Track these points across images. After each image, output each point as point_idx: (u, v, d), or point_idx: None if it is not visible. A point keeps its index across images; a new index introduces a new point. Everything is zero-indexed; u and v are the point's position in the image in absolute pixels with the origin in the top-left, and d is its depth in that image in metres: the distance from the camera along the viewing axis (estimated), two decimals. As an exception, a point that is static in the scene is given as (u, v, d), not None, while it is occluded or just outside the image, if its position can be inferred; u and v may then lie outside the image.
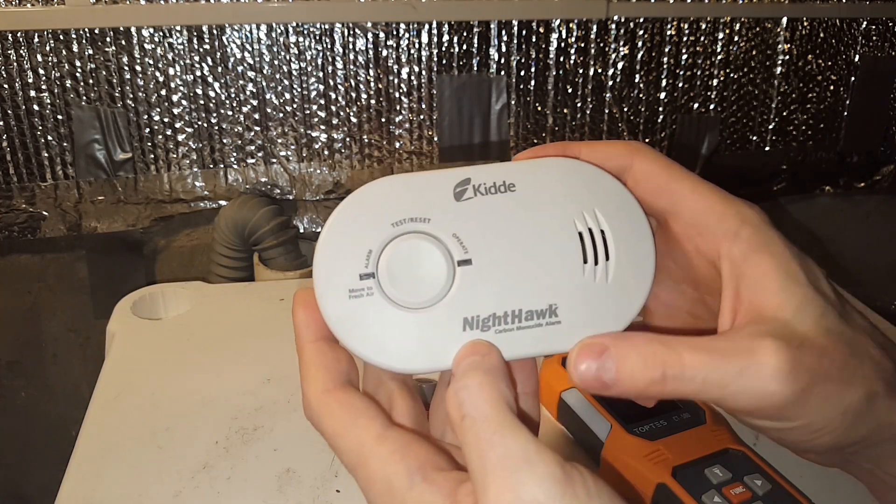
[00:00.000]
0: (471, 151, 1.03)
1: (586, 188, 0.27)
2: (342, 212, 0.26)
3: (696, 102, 1.09)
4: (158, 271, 1.03)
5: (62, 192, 0.93)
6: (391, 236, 0.26)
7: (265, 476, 0.43)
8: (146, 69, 0.90)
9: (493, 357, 0.25)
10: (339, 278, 0.25)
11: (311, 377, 0.27)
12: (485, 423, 0.23)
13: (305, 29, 0.92)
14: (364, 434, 0.25)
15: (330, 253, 0.26)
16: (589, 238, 0.27)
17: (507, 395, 0.24)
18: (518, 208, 0.27)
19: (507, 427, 0.23)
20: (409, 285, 0.25)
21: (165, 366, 0.54)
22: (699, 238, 0.28)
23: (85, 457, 0.45)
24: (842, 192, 1.24)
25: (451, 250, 0.26)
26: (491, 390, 0.24)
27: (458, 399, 0.24)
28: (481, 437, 0.22)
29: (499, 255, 0.26)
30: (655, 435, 0.40)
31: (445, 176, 0.27)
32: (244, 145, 0.96)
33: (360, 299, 0.25)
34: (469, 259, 0.26)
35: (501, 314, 0.26)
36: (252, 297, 0.65)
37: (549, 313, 0.26)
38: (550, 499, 0.21)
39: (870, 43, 1.14)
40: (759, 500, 0.36)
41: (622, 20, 1.01)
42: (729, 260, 0.27)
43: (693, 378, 0.24)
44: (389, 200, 0.26)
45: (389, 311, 0.25)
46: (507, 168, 0.27)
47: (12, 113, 0.88)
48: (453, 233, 0.26)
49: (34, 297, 1.01)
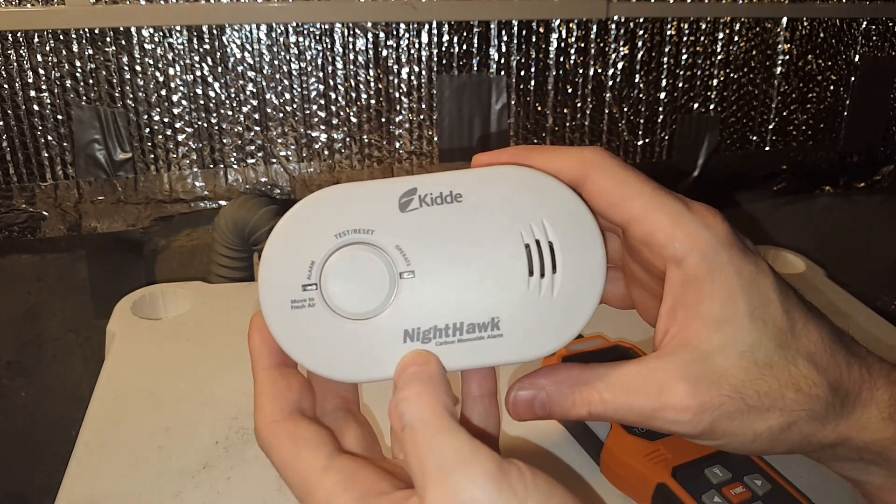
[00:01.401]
0: (471, 151, 1.03)
1: (536, 199, 0.27)
2: (286, 223, 0.26)
3: (696, 102, 1.09)
4: (158, 271, 1.03)
5: (62, 192, 0.93)
6: (334, 248, 0.26)
7: (265, 476, 0.43)
8: (146, 69, 0.90)
9: (431, 366, 0.25)
10: (281, 290, 0.26)
11: (261, 406, 0.27)
12: (422, 429, 0.23)
13: (305, 29, 0.92)
14: (309, 466, 0.25)
15: (273, 264, 0.26)
16: (536, 250, 0.26)
17: (446, 401, 0.24)
18: (463, 220, 0.26)
19: (444, 430, 0.23)
20: (350, 296, 0.25)
21: (165, 366, 0.54)
22: (649, 255, 0.28)
23: (85, 457, 0.45)
24: (842, 192, 1.24)
25: (394, 262, 0.26)
26: (429, 398, 0.24)
27: (398, 410, 0.24)
28: (419, 443, 0.23)
29: (442, 268, 0.26)
30: (655, 435, 0.40)
31: (391, 185, 0.27)
32: (244, 145, 0.96)
33: (302, 310, 0.25)
34: (412, 271, 0.26)
35: (443, 326, 0.26)
36: (252, 297, 0.65)
37: (491, 326, 0.26)
38: (488, 496, 0.21)
39: (870, 43, 1.14)
40: (759, 500, 0.36)
41: (622, 20, 1.01)
42: (670, 282, 0.27)
43: (614, 416, 0.27)
44: (333, 211, 0.26)
45: (331, 321, 0.25)
46: (454, 177, 0.27)
47: (12, 113, 0.88)
48: (396, 244, 0.26)
49: (34, 297, 1.01)
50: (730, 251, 0.27)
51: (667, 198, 0.27)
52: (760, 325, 0.26)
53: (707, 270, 0.26)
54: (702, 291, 0.26)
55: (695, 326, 0.26)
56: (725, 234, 0.27)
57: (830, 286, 0.70)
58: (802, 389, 0.26)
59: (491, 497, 0.21)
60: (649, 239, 0.27)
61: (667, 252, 0.27)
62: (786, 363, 0.26)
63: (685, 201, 0.28)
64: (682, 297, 0.27)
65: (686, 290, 0.27)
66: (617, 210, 0.28)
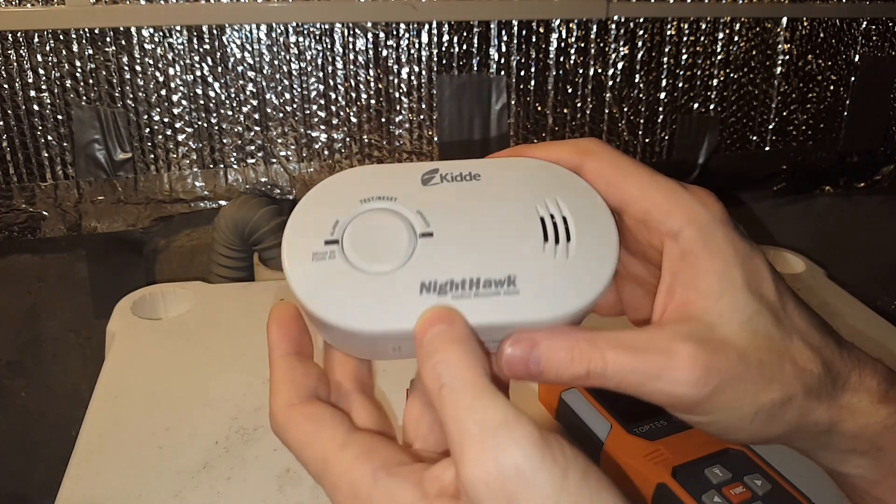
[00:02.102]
0: (471, 151, 1.03)
1: (548, 180, 0.28)
2: (314, 191, 0.28)
3: (696, 102, 1.09)
4: (158, 271, 1.03)
5: (62, 192, 0.93)
6: (358, 211, 0.27)
7: (265, 476, 0.43)
8: (146, 69, 0.90)
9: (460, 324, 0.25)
10: (304, 242, 0.26)
11: (278, 391, 0.27)
12: (463, 390, 0.23)
13: (305, 29, 0.92)
14: (328, 443, 0.25)
15: (299, 223, 0.27)
16: (550, 222, 0.27)
17: (484, 362, 0.24)
18: (482, 193, 0.28)
19: (486, 393, 0.23)
20: (370, 252, 0.26)
21: (165, 366, 0.54)
22: (647, 233, 0.28)
23: (85, 457, 0.45)
24: (842, 192, 1.24)
25: (414, 223, 0.27)
26: (468, 359, 0.24)
27: (435, 371, 0.24)
28: (459, 405, 0.23)
29: (460, 230, 0.27)
30: (655, 435, 0.40)
31: (414, 166, 0.29)
32: (244, 145, 0.96)
33: (323, 262, 0.26)
34: (431, 232, 0.27)
35: (459, 281, 0.26)
36: (252, 297, 0.65)
37: (508, 283, 0.26)
38: (529, 461, 0.21)
39: (870, 43, 1.14)
40: (759, 500, 0.36)
41: (622, 20, 1.01)
42: (668, 258, 0.28)
43: (613, 376, 0.26)
44: (359, 182, 0.28)
45: (350, 273, 0.26)
46: (475, 162, 0.29)
47: (12, 113, 0.88)
48: (418, 210, 0.27)
49: (34, 297, 1.01)
50: (724, 228, 0.27)
51: (662, 178, 0.28)
52: (757, 298, 0.27)
53: (703, 244, 0.27)
54: (698, 265, 0.27)
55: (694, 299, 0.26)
56: (720, 212, 0.28)
57: (830, 286, 0.70)
58: (798, 364, 0.27)
59: (534, 463, 0.21)
60: (646, 216, 0.28)
61: (664, 227, 0.27)
62: (782, 337, 0.27)
63: (680, 183, 0.29)
64: (680, 272, 0.27)
65: (683, 263, 0.27)
66: (614, 190, 0.28)
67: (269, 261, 0.96)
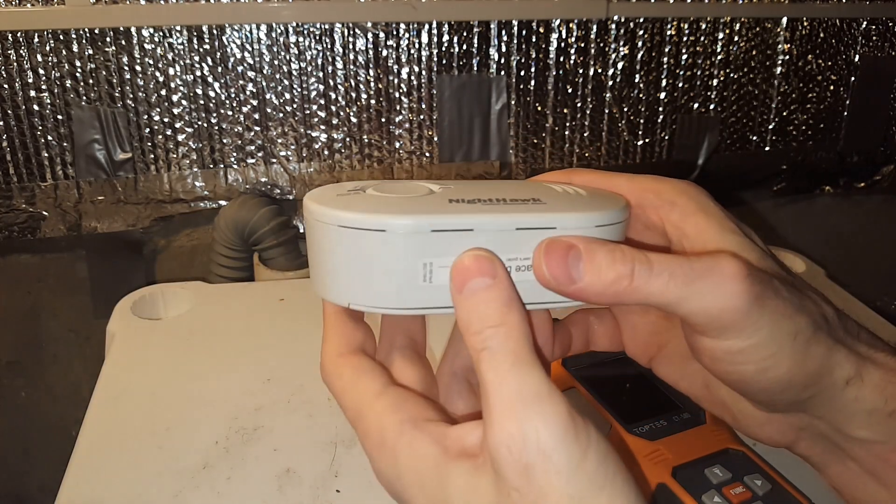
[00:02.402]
0: (471, 151, 1.03)
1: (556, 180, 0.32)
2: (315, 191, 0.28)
3: (696, 102, 1.09)
4: (158, 271, 1.03)
5: (62, 192, 0.93)
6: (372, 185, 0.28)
7: (265, 476, 0.43)
8: (146, 69, 0.90)
9: (504, 282, 0.25)
10: (329, 192, 0.27)
11: (328, 340, 0.29)
12: (504, 358, 0.23)
13: (305, 29, 0.92)
14: (365, 391, 0.27)
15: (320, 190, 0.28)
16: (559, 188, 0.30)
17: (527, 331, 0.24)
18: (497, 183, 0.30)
19: (525, 364, 0.23)
20: (393, 190, 0.27)
21: (165, 366, 0.54)
22: (644, 215, 0.30)
23: (85, 457, 0.45)
24: (842, 192, 1.24)
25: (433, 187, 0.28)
26: (512, 323, 0.24)
27: (480, 336, 0.24)
28: (498, 370, 0.23)
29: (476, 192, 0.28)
30: (655, 435, 0.40)
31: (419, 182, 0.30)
32: (244, 145, 0.96)
33: (349, 196, 0.27)
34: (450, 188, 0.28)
35: (486, 198, 0.27)
36: (252, 297, 0.65)
37: (533, 201, 0.27)
38: (552, 436, 0.22)
39: (870, 43, 1.14)
40: (759, 500, 0.36)
41: (622, 20, 1.01)
42: (670, 224, 0.29)
43: (660, 273, 0.24)
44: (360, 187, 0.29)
45: (377, 197, 0.26)
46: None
47: (12, 113, 0.88)
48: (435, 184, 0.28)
49: (34, 297, 1.01)
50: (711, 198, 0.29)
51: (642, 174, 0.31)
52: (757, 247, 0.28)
53: (697, 206, 0.29)
54: (699, 222, 0.28)
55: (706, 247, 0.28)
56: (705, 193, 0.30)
57: (830, 286, 0.70)
58: (814, 300, 0.28)
59: (556, 440, 0.22)
60: (641, 199, 0.29)
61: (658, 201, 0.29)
62: (792, 277, 0.28)
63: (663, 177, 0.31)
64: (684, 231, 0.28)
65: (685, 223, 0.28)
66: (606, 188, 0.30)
67: (268, 261, 0.96)
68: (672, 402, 0.42)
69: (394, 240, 0.25)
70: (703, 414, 0.41)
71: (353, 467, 0.44)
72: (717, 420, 0.41)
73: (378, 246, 0.25)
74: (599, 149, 1.08)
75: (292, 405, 0.50)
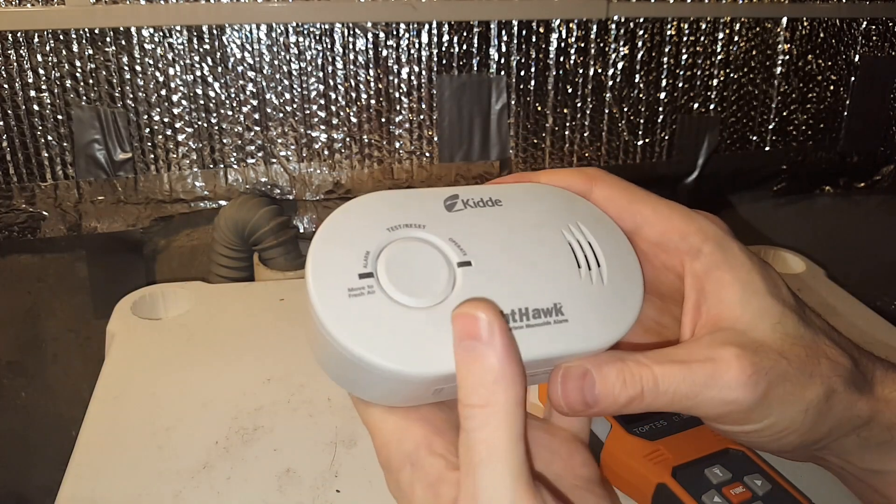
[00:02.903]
0: (471, 151, 1.03)
1: (565, 206, 0.29)
2: (334, 218, 0.26)
3: (696, 102, 1.09)
4: (158, 271, 1.03)
5: (62, 192, 0.93)
6: (388, 239, 0.25)
7: (265, 476, 0.43)
8: (146, 69, 0.90)
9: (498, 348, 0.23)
10: (336, 277, 0.24)
11: None
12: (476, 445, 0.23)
13: (305, 29, 0.92)
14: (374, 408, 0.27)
15: (325, 254, 0.25)
16: (578, 246, 0.28)
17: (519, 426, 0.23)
18: (508, 218, 0.27)
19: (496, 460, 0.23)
20: (410, 285, 0.25)
21: (165, 366, 0.54)
22: (664, 255, 0.29)
23: (85, 457, 0.45)
24: (842, 192, 1.24)
25: (450, 253, 0.26)
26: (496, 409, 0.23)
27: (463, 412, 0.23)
28: (470, 461, 0.23)
29: (497, 257, 0.26)
30: (655, 435, 0.40)
31: (434, 191, 0.27)
32: (244, 145, 0.96)
33: (362, 297, 0.24)
34: (468, 261, 0.26)
35: (509, 312, 0.25)
36: (252, 297, 0.65)
37: (556, 311, 0.26)
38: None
39: (870, 43, 1.14)
40: (759, 500, 0.36)
41: (622, 20, 1.01)
42: (691, 275, 0.28)
43: (666, 391, 0.26)
44: (382, 209, 0.26)
45: (393, 309, 0.24)
46: (491, 188, 0.29)
47: (12, 113, 0.88)
48: (449, 237, 0.26)
49: (34, 297, 1.01)
50: (736, 242, 0.29)
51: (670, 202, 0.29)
52: (780, 302, 0.28)
53: (723, 258, 0.28)
54: (722, 278, 0.27)
55: (722, 310, 0.27)
56: (727, 229, 0.29)
57: (830, 286, 0.69)
58: (831, 358, 0.27)
59: None
60: (664, 237, 0.29)
61: (683, 246, 0.28)
62: (811, 335, 0.28)
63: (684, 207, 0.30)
64: (704, 288, 0.28)
65: (707, 279, 0.28)
66: (627, 214, 0.29)
67: (268, 261, 0.96)
68: (672, 402, 0.42)
69: (405, 379, 0.24)
70: (703, 414, 0.41)
71: (353, 467, 0.44)
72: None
73: (389, 380, 0.24)
74: (599, 149, 1.08)
75: (292, 405, 0.50)
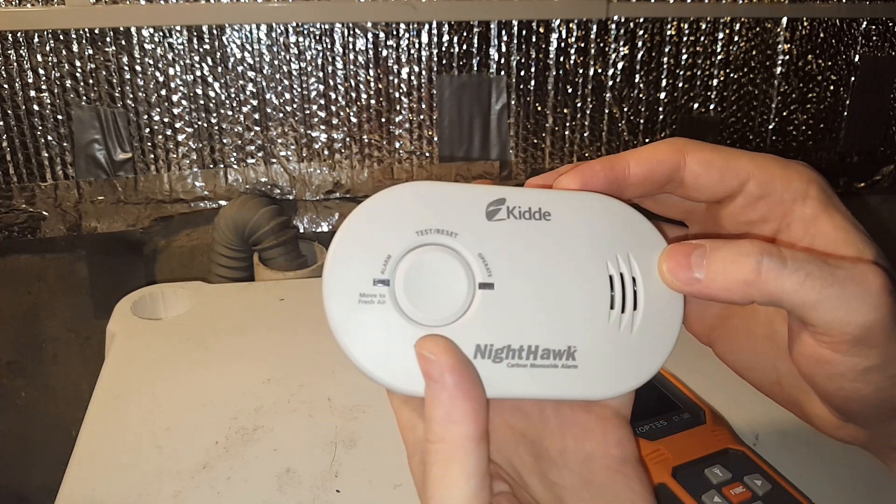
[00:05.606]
0: (471, 151, 1.03)
1: (623, 231, 0.26)
2: (364, 209, 0.24)
3: (696, 102, 1.09)
4: (158, 271, 1.03)
5: (62, 192, 0.93)
6: (413, 245, 0.24)
7: (265, 476, 0.43)
8: (146, 69, 0.90)
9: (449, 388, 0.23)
10: (351, 280, 0.24)
11: None
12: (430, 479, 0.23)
13: (305, 29, 0.92)
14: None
15: (345, 251, 0.24)
16: (619, 283, 0.25)
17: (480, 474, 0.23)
18: (550, 238, 0.25)
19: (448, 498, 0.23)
20: (424, 300, 0.24)
21: (165, 366, 0.54)
22: (765, 207, 0.28)
23: (85, 457, 0.45)
24: (842, 192, 1.24)
25: (475, 271, 0.24)
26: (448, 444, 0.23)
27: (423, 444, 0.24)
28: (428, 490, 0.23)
29: (523, 285, 0.25)
30: (655, 435, 0.40)
31: (479, 191, 0.25)
32: (244, 145, 0.96)
33: (371, 306, 0.24)
34: (492, 283, 0.24)
35: (517, 347, 0.24)
36: (252, 297, 0.65)
37: (567, 355, 0.25)
38: None
39: (870, 43, 1.14)
40: (759, 500, 0.36)
41: (622, 20, 1.01)
42: (801, 220, 0.27)
43: (796, 270, 0.23)
44: (417, 207, 0.25)
45: (399, 323, 0.24)
46: (544, 195, 0.26)
47: (12, 113, 0.88)
48: (479, 252, 0.25)
49: (34, 297, 1.01)
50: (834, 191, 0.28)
51: (763, 154, 0.28)
52: (872, 241, 0.27)
53: (828, 201, 0.27)
54: (832, 221, 0.26)
55: (838, 249, 0.26)
56: (816, 171, 0.29)
57: (830, 286, 0.70)
58: None
59: None
60: (767, 188, 0.28)
61: (788, 194, 0.27)
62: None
63: (778, 156, 0.29)
64: (819, 231, 0.27)
65: (818, 223, 0.27)
66: (731, 173, 0.28)
67: (268, 261, 0.96)
68: (672, 402, 0.42)
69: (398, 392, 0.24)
70: (703, 414, 0.41)
71: (353, 467, 0.44)
72: (718, 420, 0.41)
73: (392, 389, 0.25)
74: (599, 149, 1.08)
75: (292, 405, 0.50)
